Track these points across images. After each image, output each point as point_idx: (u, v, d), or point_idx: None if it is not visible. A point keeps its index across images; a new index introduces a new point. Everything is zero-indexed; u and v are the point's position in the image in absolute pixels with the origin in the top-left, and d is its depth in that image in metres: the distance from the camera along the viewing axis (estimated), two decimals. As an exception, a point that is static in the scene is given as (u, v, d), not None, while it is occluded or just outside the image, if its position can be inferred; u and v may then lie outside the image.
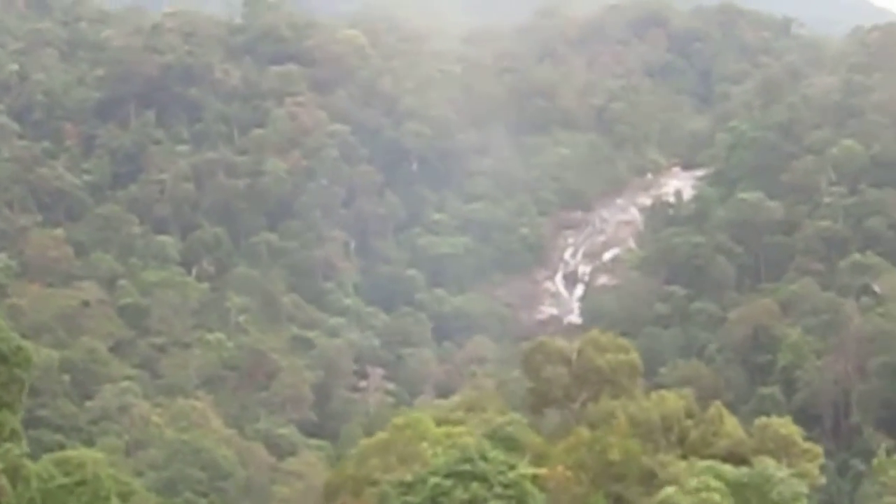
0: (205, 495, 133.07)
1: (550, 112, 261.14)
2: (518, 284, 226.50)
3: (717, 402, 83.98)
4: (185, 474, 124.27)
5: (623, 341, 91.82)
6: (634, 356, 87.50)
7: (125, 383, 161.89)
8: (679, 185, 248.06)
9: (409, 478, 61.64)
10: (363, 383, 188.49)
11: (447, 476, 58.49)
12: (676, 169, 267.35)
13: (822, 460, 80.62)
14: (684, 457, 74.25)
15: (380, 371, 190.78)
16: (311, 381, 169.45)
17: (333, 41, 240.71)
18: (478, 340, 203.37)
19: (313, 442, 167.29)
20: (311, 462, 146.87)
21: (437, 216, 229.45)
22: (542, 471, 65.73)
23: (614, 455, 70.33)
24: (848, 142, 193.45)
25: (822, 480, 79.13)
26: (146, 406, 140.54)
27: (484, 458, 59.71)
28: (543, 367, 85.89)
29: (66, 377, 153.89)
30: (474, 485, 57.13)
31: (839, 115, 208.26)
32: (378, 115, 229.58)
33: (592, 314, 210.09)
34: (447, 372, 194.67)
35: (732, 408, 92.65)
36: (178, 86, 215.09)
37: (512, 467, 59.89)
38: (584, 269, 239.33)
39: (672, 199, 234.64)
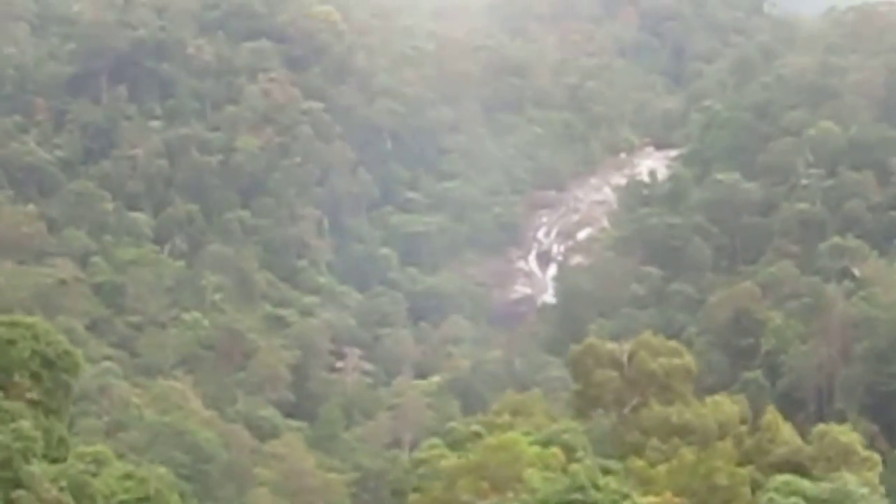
0: (188, 479, 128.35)
1: (524, 90, 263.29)
2: (491, 263, 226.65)
3: (772, 408, 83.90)
4: (168, 457, 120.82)
5: (676, 345, 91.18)
6: (689, 360, 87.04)
7: (105, 363, 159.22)
8: (653, 164, 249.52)
9: None
10: (340, 364, 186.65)
11: None
12: (650, 148, 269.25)
13: (880, 468, 78.62)
14: (740, 464, 72.88)
15: (357, 351, 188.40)
16: (289, 362, 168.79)
17: (307, 17, 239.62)
18: (453, 320, 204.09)
19: (291, 423, 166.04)
20: (293, 444, 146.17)
21: (410, 194, 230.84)
22: (655, 500, 65.75)
23: (721, 480, 68.46)
24: (825, 123, 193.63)
25: (882, 490, 75.02)
26: (125, 387, 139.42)
27: (596, 486, 60.59)
28: (593, 370, 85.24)
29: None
30: (588, 514, 59.92)
31: (815, 95, 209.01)
32: (352, 91, 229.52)
33: (567, 294, 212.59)
34: (424, 352, 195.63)
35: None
36: (151, 61, 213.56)
37: (626, 496, 61.53)
38: (557, 249, 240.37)
39: (646, 179, 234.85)
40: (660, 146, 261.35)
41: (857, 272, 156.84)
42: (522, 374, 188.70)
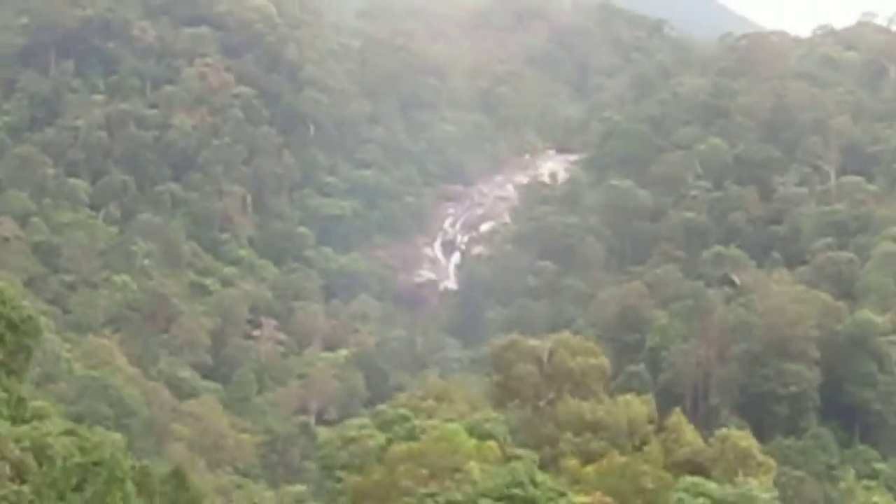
0: (110, 431, 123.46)
1: (440, 90, 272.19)
2: (399, 248, 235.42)
3: (678, 410, 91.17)
4: (94, 409, 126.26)
5: (592, 346, 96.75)
6: (603, 360, 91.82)
7: (40, 319, 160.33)
8: (554, 167, 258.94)
9: (458, 496, 65.66)
10: (256, 332, 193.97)
11: (498, 499, 64.12)
12: (552, 152, 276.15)
13: (774, 473, 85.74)
14: (647, 462, 77.59)
15: (272, 322, 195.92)
16: (208, 327, 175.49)
17: (244, 8, 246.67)
18: (362, 299, 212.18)
19: (208, 384, 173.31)
20: (209, 405, 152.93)
21: (328, 179, 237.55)
22: (587, 499, 70.52)
23: (647, 483, 72.68)
24: (715, 140, 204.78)
25: (775, 493, 79.70)
26: (57, 341, 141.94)
27: (534, 482, 65.54)
28: (515, 364, 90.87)
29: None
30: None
31: (707, 114, 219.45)
32: (281, 80, 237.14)
33: (468, 281, 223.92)
34: (334, 327, 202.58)
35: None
36: (98, 39, 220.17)
37: (562, 494, 66.67)
38: (461, 239, 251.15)
39: (547, 180, 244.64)
40: (561, 150, 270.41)
41: (736, 280, 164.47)
42: (423, 353, 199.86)
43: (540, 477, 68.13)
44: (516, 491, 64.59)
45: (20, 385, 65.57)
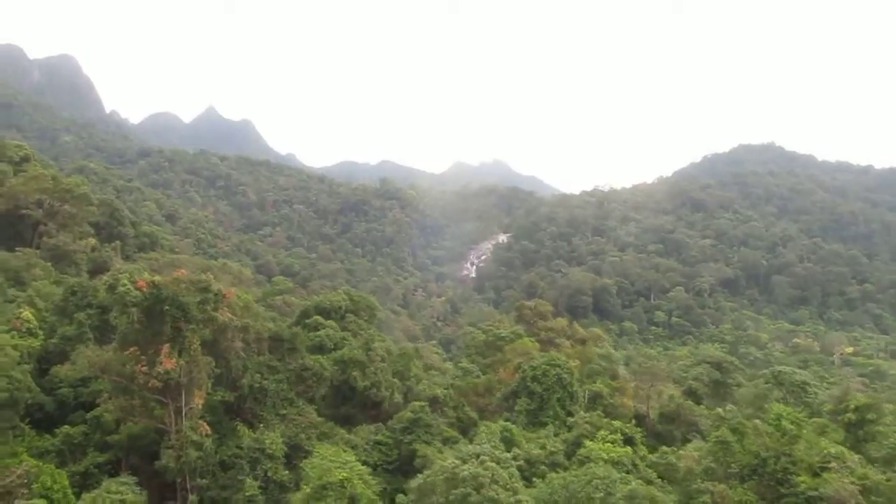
0: None
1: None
2: (458, 265, 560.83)
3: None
4: None
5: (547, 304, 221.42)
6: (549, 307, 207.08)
7: None
8: (499, 239, 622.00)
9: (532, 363, 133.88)
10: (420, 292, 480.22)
11: (546, 364, 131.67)
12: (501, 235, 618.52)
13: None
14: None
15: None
16: None
17: None
18: (447, 282, 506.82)
19: None
20: None
21: (435, 252, 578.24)
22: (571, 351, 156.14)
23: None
24: None
25: None
26: None
27: (557, 363, 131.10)
28: (522, 308, 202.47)
29: None
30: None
31: None
32: None
33: (478, 274, 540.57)
34: (439, 287, 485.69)
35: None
36: None
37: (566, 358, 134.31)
38: (475, 260, 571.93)
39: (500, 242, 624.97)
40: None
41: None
42: (468, 296, 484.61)
43: (557, 355, 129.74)
44: (553, 363, 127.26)
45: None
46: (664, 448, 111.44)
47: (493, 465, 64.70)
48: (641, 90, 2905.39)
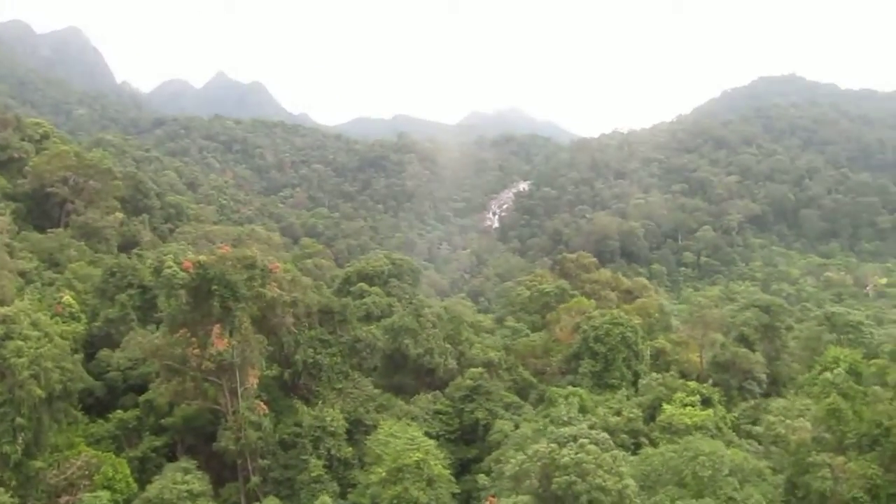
0: None
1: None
2: (481, 215, 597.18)
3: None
4: None
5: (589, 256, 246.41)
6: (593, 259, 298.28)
7: None
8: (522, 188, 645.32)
9: (585, 320, 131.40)
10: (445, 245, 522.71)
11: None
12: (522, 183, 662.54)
13: None
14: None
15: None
16: None
17: None
18: (471, 234, 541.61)
19: None
20: None
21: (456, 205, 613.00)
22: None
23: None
24: None
25: None
26: None
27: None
28: (564, 262, 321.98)
29: None
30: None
31: None
32: None
33: (500, 224, 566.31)
34: (463, 239, 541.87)
35: None
36: None
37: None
38: (497, 210, 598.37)
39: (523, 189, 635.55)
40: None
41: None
42: (493, 245, 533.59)
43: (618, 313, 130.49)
44: (616, 321, 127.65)
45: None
46: (770, 418, 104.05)
47: (594, 447, 62.07)
48: (654, 26, 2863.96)
